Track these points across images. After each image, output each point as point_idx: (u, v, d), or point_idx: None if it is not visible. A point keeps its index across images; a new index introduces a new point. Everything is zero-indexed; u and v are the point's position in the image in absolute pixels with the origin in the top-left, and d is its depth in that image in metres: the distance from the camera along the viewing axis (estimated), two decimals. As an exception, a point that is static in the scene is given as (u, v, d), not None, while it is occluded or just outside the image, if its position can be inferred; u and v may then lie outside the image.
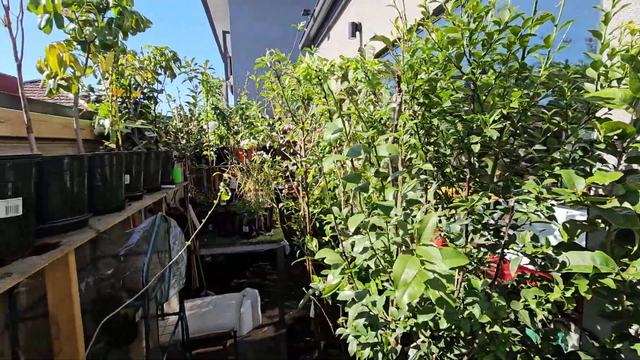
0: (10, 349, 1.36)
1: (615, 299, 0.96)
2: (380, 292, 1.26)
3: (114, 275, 1.49)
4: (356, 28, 3.42)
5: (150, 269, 1.43)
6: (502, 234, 1.06)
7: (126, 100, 2.25)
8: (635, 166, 1.03)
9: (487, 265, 1.18)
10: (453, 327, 1.04)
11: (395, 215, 1.00)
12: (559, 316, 1.15)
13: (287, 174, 4.08)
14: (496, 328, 0.98)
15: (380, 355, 1.24)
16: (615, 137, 0.92)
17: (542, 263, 1.03)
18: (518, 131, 1.06)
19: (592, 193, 1.14)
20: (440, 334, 1.17)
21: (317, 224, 2.71)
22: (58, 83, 1.55)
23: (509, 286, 1.18)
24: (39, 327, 1.37)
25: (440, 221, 1.21)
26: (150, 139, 2.60)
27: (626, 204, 0.81)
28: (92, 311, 1.38)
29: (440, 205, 1.28)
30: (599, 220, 0.95)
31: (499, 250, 1.03)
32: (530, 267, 1.08)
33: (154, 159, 2.36)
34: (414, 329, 1.16)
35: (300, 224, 2.87)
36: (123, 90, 1.91)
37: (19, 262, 0.96)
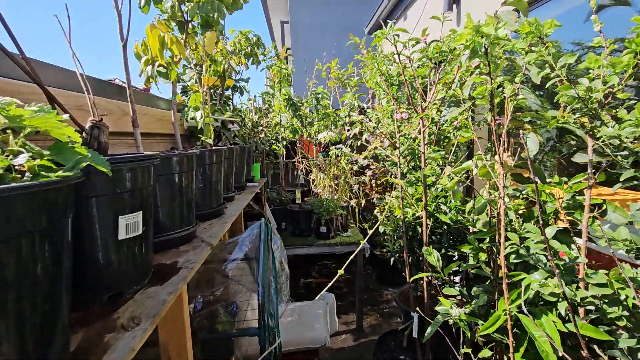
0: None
1: None
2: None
3: (222, 297, 1.27)
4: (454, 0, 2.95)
5: (264, 290, 1.18)
6: None
7: (212, 90, 2.06)
8: None
9: None
10: None
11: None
12: None
13: (356, 168, 3.77)
14: None
15: None
16: None
17: None
18: None
19: None
20: None
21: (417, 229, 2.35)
22: (157, 70, 1.35)
23: None
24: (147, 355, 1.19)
25: None
26: (233, 132, 2.41)
27: None
28: (199, 338, 1.17)
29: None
30: None
31: None
32: None
33: (240, 154, 2.15)
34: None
35: (392, 226, 2.53)
36: (215, 78, 1.70)
37: (141, 297, 0.73)
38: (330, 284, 1.30)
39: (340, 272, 1.31)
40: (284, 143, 3.67)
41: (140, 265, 0.78)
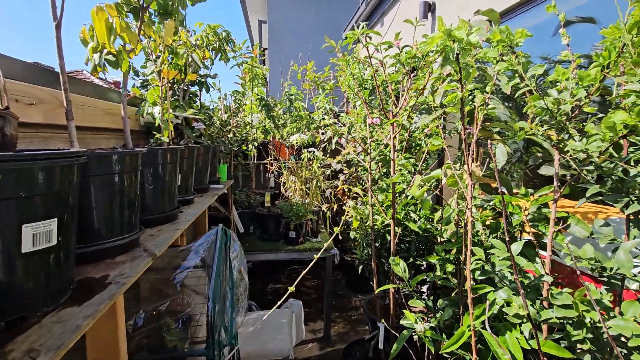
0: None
1: None
2: None
3: (173, 310, 1.14)
4: (429, 8, 2.96)
5: (216, 304, 1.07)
6: None
7: (175, 85, 1.92)
8: None
9: None
10: None
11: None
12: None
13: (329, 172, 3.71)
14: None
15: None
16: None
17: None
18: None
19: None
20: None
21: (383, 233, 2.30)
22: (105, 58, 1.22)
23: None
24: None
25: None
26: (197, 131, 2.27)
27: None
28: (140, 358, 1.04)
29: None
30: None
31: None
32: None
33: (203, 154, 2.02)
34: None
35: (362, 234, 2.47)
36: (176, 72, 1.57)
37: (50, 321, 0.61)
38: (280, 302, 1.22)
39: (291, 289, 1.23)
40: (255, 144, 3.54)
41: (55, 281, 0.65)
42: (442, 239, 1.87)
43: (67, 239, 0.67)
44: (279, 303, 1.13)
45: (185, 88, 2.13)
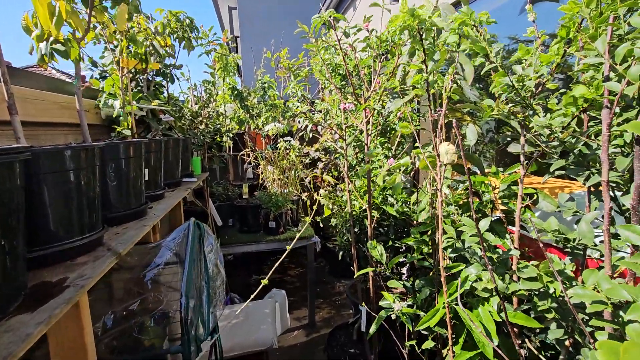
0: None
1: None
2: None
3: (143, 310, 1.10)
4: (399, -10, 2.93)
5: (189, 300, 1.04)
6: None
7: (137, 75, 1.83)
8: None
9: None
10: None
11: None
12: None
13: (307, 161, 3.68)
14: None
15: None
16: None
17: None
18: None
19: None
20: None
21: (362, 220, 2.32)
22: (52, 47, 1.13)
23: None
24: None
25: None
26: (166, 123, 2.19)
27: None
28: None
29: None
30: None
31: None
32: None
33: (173, 147, 1.95)
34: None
35: (341, 220, 2.48)
36: (137, 61, 1.49)
37: (-1, 330, 0.57)
38: (255, 293, 1.20)
39: (264, 282, 1.22)
40: (230, 135, 3.46)
41: (2, 287, 0.61)
42: (418, 222, 1.89)
43: (12, 242, 0.62)
44: (254, 294, 1.11)
45: (150, 79, 2.03)
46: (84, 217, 0.92)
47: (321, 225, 3.02)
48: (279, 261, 1.57)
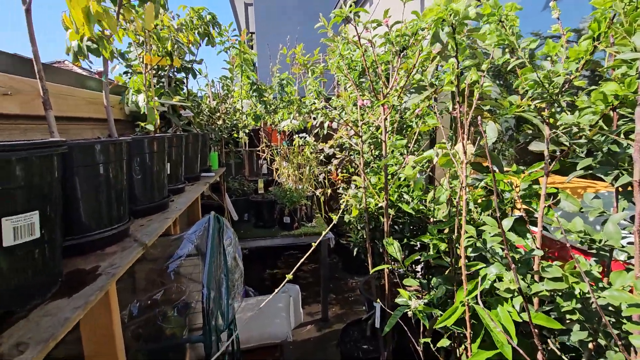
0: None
1: None
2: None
3: (166, 300, 1.14)
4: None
5: (210, 291, 1.07)
6: None
7: (159, 72, 1.86)
8: None
9: None
10: None
11: None
12: None
13: (322, 157, 3.69)
14: None
15: None
16: None
17: None
18: None
19: None
20: None
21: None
22: (86, 45, 1.17)
23: None
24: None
25: None
26: (185, 119, 2.23)
27: None
28: (137, 348, 1.04)
29: None
30: None
31: None
32: None
33: (192, 142, 1.99)
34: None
35: (356, 217, 2.48)
36: (160, 57, 1.52)
37: (38, 315, 0.60)
38: (278, 289, 1.22)
39: (289, 276, 1.23)
40: (246, 131, 3.49)
41: (41, 274, 0.64)
42: (435, 219, 1.88)
43: (51, 231, 0.65)
44: (277, 290, 1.14)
45: (171, 75, 2.07)
46: (113, 209, 0.96)
47: (334, 221, 3.03)
48: (301, 260, 1.58)
